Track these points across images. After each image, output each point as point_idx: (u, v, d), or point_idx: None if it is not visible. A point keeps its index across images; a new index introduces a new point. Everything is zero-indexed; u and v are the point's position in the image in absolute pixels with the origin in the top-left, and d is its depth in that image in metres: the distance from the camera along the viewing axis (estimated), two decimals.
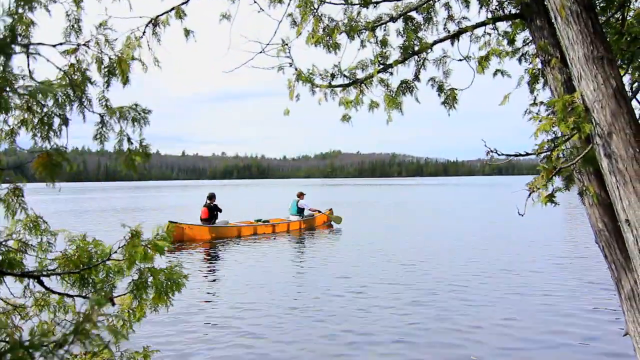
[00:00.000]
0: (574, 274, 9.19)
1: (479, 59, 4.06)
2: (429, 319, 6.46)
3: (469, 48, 3.97)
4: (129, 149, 1.80)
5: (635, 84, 3.48)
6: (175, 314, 6.70)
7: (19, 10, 2.16)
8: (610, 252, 3.04)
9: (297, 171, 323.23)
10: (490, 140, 3.32)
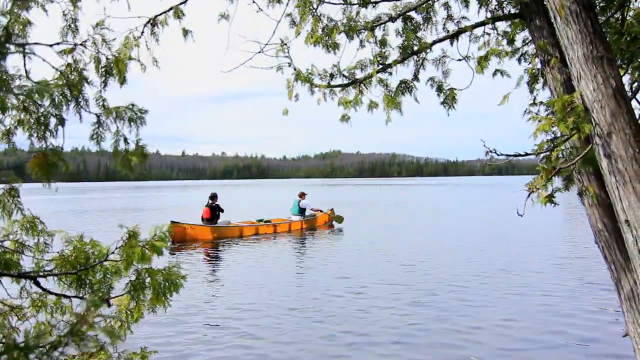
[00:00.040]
0: (574, 274, 9.18)
1: (479, 59, 4.04)
2: (428, 320, 6.46)
3: (468, 48, 3.96)
4: (126, 149, 1.80)
5: (635, 84, 3.47)
6: (174, 315, 6.69)
7: (15, 10, 2.15)
8: (609, 253, 3.02)
9: (297, 171, 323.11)
10: (490, 141, 3.30)
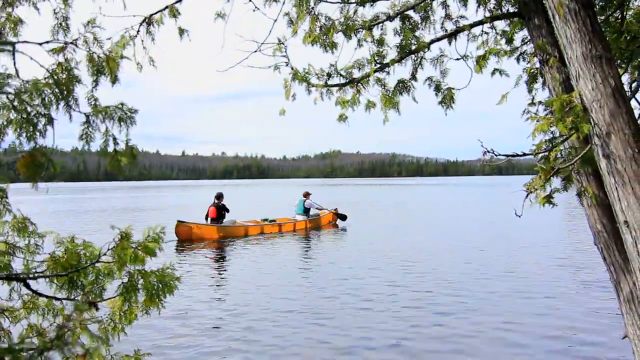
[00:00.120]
0: (573, 275, 9.15)
1: (477, 58, 4.01)
2: (427, 322, 6.42)
3: (467, 47, 3.93)
4: (115, 149, 1.77)
5: (634, 83, 3.44)
6: (174, 315, 6.66)
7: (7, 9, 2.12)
8: (609, 254, 2.99)
9: (297, 171, 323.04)
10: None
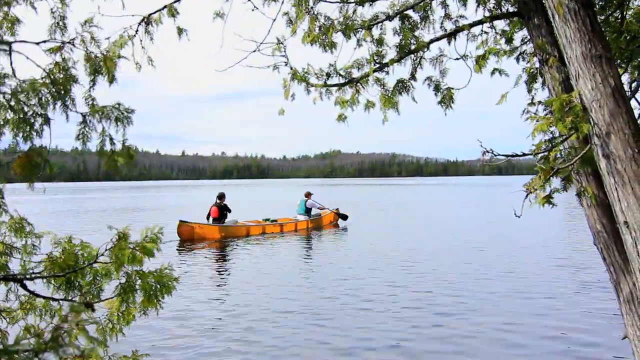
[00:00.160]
0: (573, 275, 9.14)
1: (477, 58, 4.00)
2: (427, 323, 6.41)
3: (466, 47, 3.92)
4: (112, 149, 1.76)
5: (634, 83, 3.43)
6: (174, 316, 6.65)
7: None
8: (608, 254, 2.98)
9: (297, 171, 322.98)
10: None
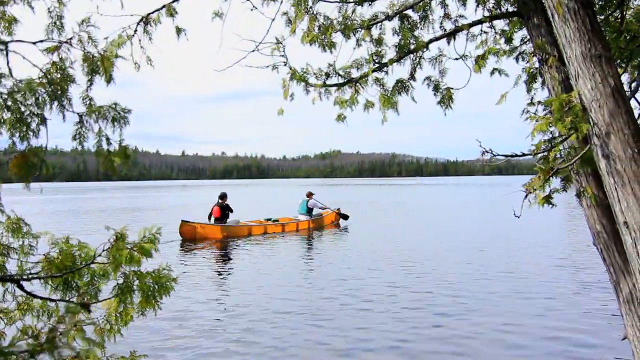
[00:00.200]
0: (573, 276, 9.13)
1: (476, 58, 3.99)
2: (426, 324, 6.39)
3: (466, 47, 3.92)
4: (108, 149, 1.75)
5: (634, 83, 3.42)
6: (173, 317, 6.63)
7: None
8: (608, 255, 2.97)
9: (297, 171, 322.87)
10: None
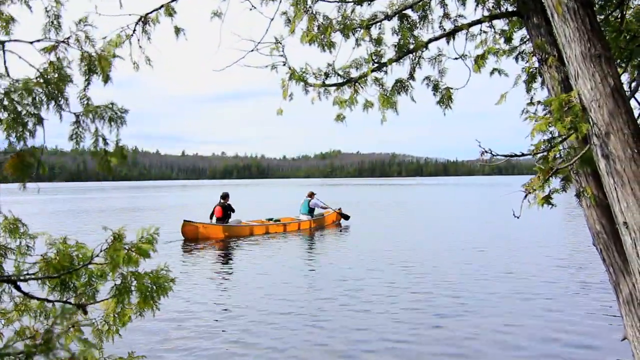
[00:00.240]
0: (573, 276, 9.12)
1: (476, 58, 3.98)
2: (426, 325, 6.36)
3: (465, 46, 3.91)
4: (105, 149, 1.74)
5: (634, 83, 3.41)
6: (172, 317, 6.62)
7: None
8: (608, 255, 2.97)
9: (297, 171, 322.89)
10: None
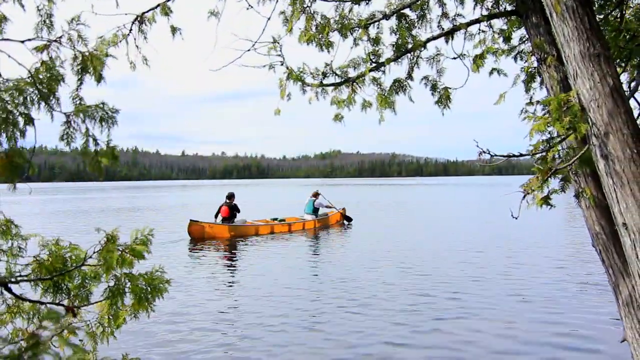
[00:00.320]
0: (572, 277, 9.08)
1: (474, 58, 3.96)
2: (426, 328, 6.31)
3: (463, 46, 3.88)
4: (95, 150, 1.72)
5: (633, 83, 3.39)
6: (171, 319, 6.60)
7: None
8: (607, 257, 2.94)
9: (297, 171, 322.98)
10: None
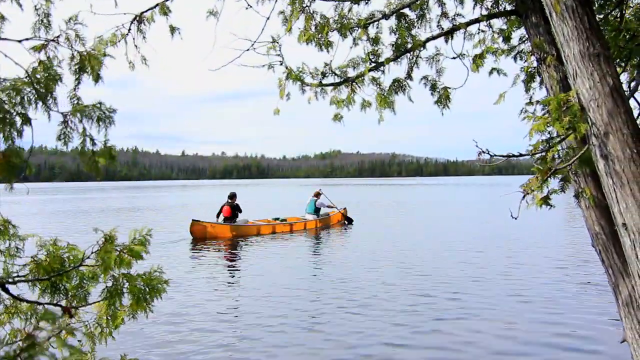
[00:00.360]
0: (572, 277, 9.08)
1: (474, 57, 3.95)
2: (426, 328, 6.30)
3: (463, 46, 3.87)
4: (92, 150, 1.71)
5: (633, 82, 3.38)
6: (170, 319, 6.59)
7: None
8: (607, 257, 2.94)
9: (297, 171, 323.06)
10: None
